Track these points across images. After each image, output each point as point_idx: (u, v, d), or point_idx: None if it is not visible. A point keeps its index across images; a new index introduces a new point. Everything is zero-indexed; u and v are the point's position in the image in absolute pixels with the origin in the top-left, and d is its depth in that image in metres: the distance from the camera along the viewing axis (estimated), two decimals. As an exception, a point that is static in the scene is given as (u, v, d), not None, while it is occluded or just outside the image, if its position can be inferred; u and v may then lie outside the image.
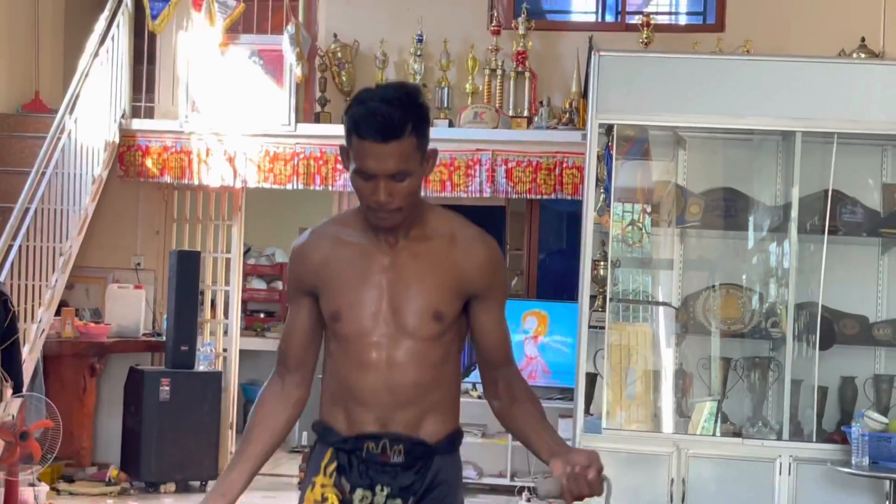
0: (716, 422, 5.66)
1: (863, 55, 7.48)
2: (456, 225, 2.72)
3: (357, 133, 2.54)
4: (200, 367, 8.25)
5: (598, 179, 5.71)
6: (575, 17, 9.82)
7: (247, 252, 10.09)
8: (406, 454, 2.68)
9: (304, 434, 9.96)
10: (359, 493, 2.70)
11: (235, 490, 2.72)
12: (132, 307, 8.54)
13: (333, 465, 2.71)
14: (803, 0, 8.64)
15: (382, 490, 2.69)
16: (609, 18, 9.18)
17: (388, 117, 2.51)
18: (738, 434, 5.60)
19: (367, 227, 2.68)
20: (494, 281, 2.72)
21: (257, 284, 11.16)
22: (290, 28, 8.38)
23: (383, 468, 2.68)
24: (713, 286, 5.85)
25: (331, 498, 2.70)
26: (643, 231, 5.82)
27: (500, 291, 2.75)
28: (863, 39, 7.72)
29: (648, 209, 5.82)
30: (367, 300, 2.66)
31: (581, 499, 2.48)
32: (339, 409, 2.71)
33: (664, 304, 5.86)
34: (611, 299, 5.64)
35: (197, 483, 8.17)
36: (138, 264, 9.03)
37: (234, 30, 8.62)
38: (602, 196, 5.73)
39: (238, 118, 8.45)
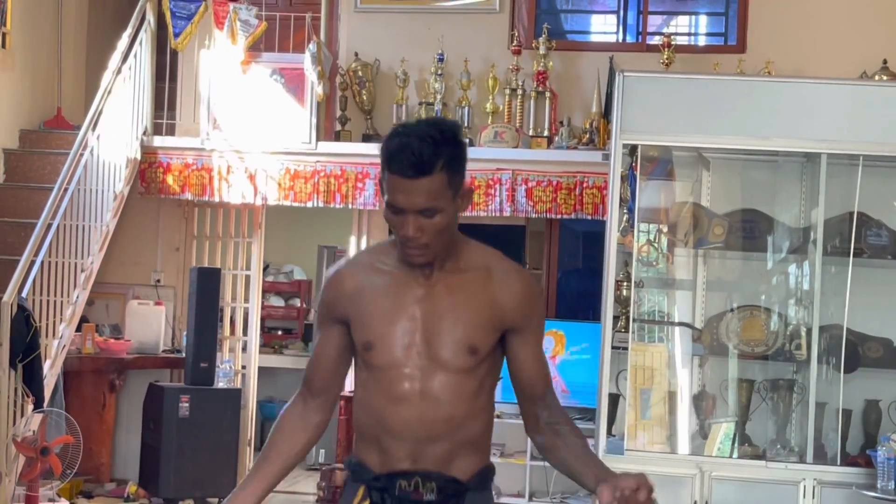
0: (733, 443, 5.64)
1: (885, 77, 7.48)
2: (492, 258, 2.72)
3: (388, 167, 2.55)
4: (220, 383, 8.26)
5: (621, 200, 5.71)
6: (596, 38, 9.83)
7: (265, 269, 10.10)
8: (438, 492, 2.67)
9: (322, 452, 9.95)
10: None
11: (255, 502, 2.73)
12: (152, 323, 8.56)
13: (366, 503, 2.70)
14: (825, 22, 8.65)
15: None
16: (630, 39, 9.19)
17: (418, 153, 2.51)
18: (761, 457, 5.58)
19: (402, 259, 2.68)
20: (531, 314, 2.71)
21: (275, 302, 11.18)
22: (312, 46, 8.41)
23: None
24: (736, 307, 5.83)
25: None
26: (659, 251, 5.81)
27: (538, 324, 2.74)
28: (885, 62, 7.73)
29: (665, 229, 5.81)
30: (401, 331, 2.65)
31: None
32: (372, 445, 2.71)
33: (687, 325, 5.85)
34: (634, 320, 5.64)
35: (215, 500, 8.16)
36: (158, 281, 9.05)
37: (256, 48, 8.66)
38: (626, 216, 5.73)
39: (259, 136, 8.48)
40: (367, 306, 2.68)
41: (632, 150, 5.68)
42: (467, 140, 8.46)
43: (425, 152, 2.51)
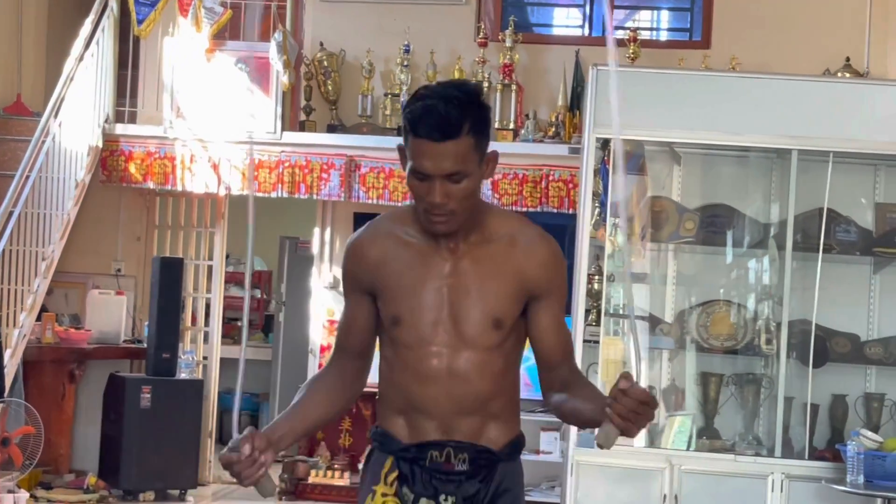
0: (690, 437, 5.66)
1: (847, 74, 7.54)
2: (516, 225, 2.66)
3: (413, 131, 2.49)
4: (182, 374, 8.19)
5: (593, 194, 5.71)
6: (562, 31, 9.85)
7: (226, 259, 10.04)
8: (471, 462, 2.63)
9: (282, 444, 9.89)
10: (423, 502, 2.65)
11: (284, 443, 2.61)
12: (113, 313, 8.48)
13: (395, 474, 2.67)
14: (788, 19, 8.71)
15: (447, 499, 2.64)
16: (596, 33, 9.20)
17: (445, 115, 2.45)
18: (730, 450, 5.61)
19: (426, 227, 2.62)
20: (555, 280, 2.66)
21: (236, 292, 11.10)
22: (278, 35, 8.35)
23: (447, 477, 2.64)
24: (705, 302, 5.86)
25: None
26: (614, 245, 5.78)
27: (560, 291, 2.69)
28: (847, 59, 7.78)
29: (616, 222, 5.81)
30: (428, 307, 2.60)
31: (640, 421, 2.32)
32: (399, 417, 2.67)
33: (657, 319, 5.87)
34: (606, 314, 5.65)
35: (176, 492, 8.10)
36: (119, 270, 8.96)
37: (221, 36, 8.59)
38: (597, 210, 5.73)
39: (223, 125, 8.40)
40: (394, 279, 2.63)
41: (604, 143, 5.69)
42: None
43: (452, 114, 2.46)
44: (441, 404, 2.62)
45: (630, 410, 2.31)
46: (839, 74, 7.52)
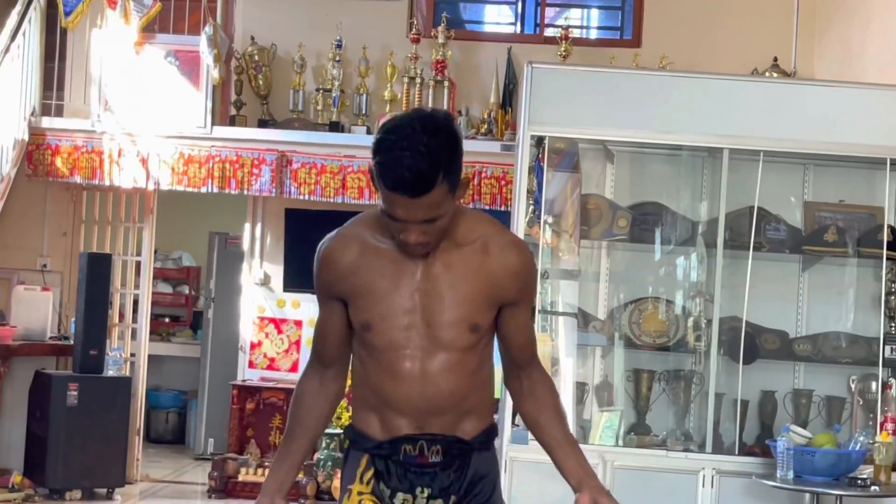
0: (618, 433, 5.70)
1: (775, 74, 7.64)
2: (489, 230, 2.67)
3: (384, 184, 2.46)
4: (109, 371, 8.09)
5: (527, 191, 5.72)
6: (494, 28, 9.86)
7: (154, 254, 9.92)
8: (444, 454, 2.66)
9: (212, 441, 9.84)
10: (399, 497, 2.68)
11: (286, 486, 2.74)
12: (39, 309, 8.34)
13: (371, 472, 2.69)
14: (717, 19, 8.82)
15: (423, 492, 2.67)
16: (528, 30, 9.23)
17: (416, 173, 2.41)
18: (661, 446, 5.66)
19: (400, 249, 2.63)
20: (526, 288, 2.71)
21: (163, 288, 10.99)
22: (209, 29, 8.28)
23: (422, 469, 2.66)
24: (638, 299, 5.90)
25: None
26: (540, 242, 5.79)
27: (530, 296, 2.75)
28: (775, 59, 7.89)
29: (550, 220, 5.83)
30: (400, 312, 2.61)
31: None
32: (373, 415, 2.69)
33: (590, 316, 5.90)
34: (540, 311, 5.66)
35: (104, 490, 8.00)
36: (45, 266, 8.83)
37: (150, 29, 8.50)
38: (531, 208, 5.74)
39: (152, 119, 8.31)
40: (365, 286, 2.64)
41: (538, 141, 5.70)
42: (365, 128, 8.41)
43: (423, 170, 2.41)
44: (415, 403, 2.64)
45: None
46: (767, 74, 7.61)
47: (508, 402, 5.59)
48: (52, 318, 8.49)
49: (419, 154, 2.41)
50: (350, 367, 2.78)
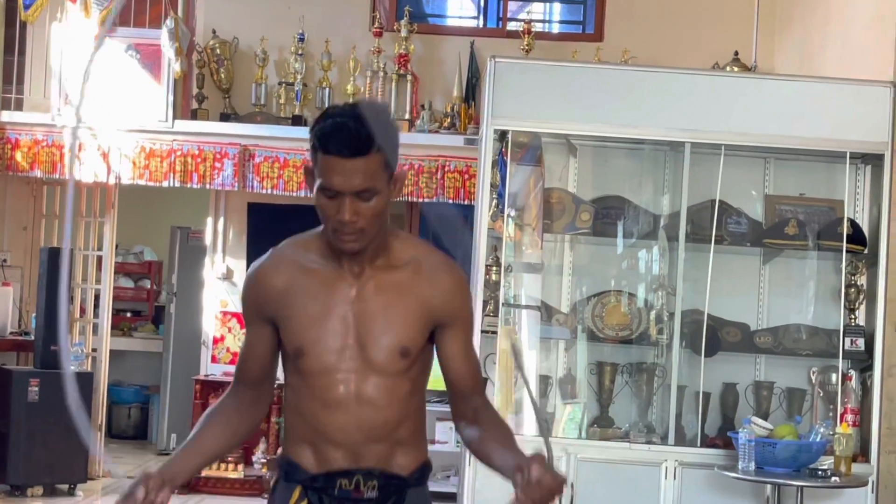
0: (581, 426, 5.72)
1: (736, 68, 7.68)
2: (421, 252, 2.66)
3: (323, 148, 2.47)
4: (71, 367, 8.02)
5: (491, 185, 5.73)
6: (456, 22, 9.86)
7: (115, 249, 9.87)
8: (380, 489, 2.62)
9: (174, 437, 9.79)
10: None
11: (179, 479, 2.59)
12: (-1, 305, 8.29)
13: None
14: (679, 14, 8.86)
15: None
16: (490, 24, 9.24)
17: (355, 132, 2.44)
18: (624, 438, 5.69)
19: (330, 255, 2.60)
20: (460, 308, 2.66)
21: (125, 283, 10.94)
22: (170, 22, 8.24)
23: None
24: (601, 293, 5.93)
25: None
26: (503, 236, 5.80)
27: (466, 319, 2.69)
28: (736, 53, 7.93)
29: (513, 214, 5.85)
30: (333, 335, 2.58)
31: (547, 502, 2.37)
32: (306, 446, 2.64)
33: (553, 309, 5.92)
34: (503, 304, 5.68)
35: (65, 486, 7.96)
36: (4, 261, 8.76)
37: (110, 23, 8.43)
38: (495, 201, 5.76)
39: (113, 113, 8.26)
40: (296, 310, 2.60)
41: (501, 135, 5.71)
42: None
43: (362, 131, 2.44)
44: (349, 432, 2.59)
45: (541, 498, 2.36)
46: (728, 68, 7.65)
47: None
48: (12, 313, 8.43)
49: (358, 120, 2.46)
50: (279, 398, 2.73)
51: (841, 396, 5.63)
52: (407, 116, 8.36)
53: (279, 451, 2.73)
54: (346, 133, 2.44)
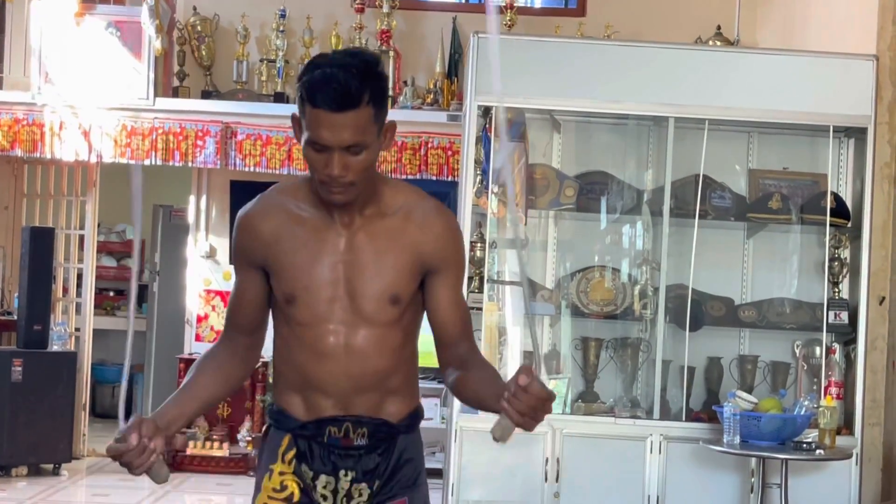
0: (564, 401, 5.73)
1: (718, 43, 7.67)
2: (412, 198, 2.61)
3: (311, 101, 2.40)
4: (54, 346, 8.01)
5: (475, 161, 5.72)
6: (439, -2, 9.81)
7: (97, 228, 9.82)
8: (370, 436, 2.61)
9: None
10: (322, 479, 2.62)
11: (174, 427, 2.55)
12: (-19, 285, 8.25)
13: (292, 452, 2.63)
14: (661, -13, 8.83)
15: (346, 475, 2.62)
16: (472, 0, 9.20)
17: (344, 84, 2.38)
18: (609, 413, 5.70)
19: (320, 202, 2.56)
20: (451, 254, 2.61)
21: (107, 262, 10.91)
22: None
23: (346, 452, 2.61)
24: (585, 268, 5.93)
25: (291, 486, 2.62)
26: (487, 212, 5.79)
27: (458, 265, 2.64)
28: (718, 27, 7.91)
29: (497, 190, 5.84)
30: (324, 284, 2.55)
31: (537, 415, 2.27)
32: (296, 395, 2.62)
33: (537, 285, 5.92)
34: (488, 280, 5.67)
35: (50, 466, 7.94)
36: (-14, 241, 8.72)
37: (91, 0, 8.37)
38: (479, 178, 5.75)
39: (94, 91, 8.20)
40: (287, 257, 2.57)
41: (485, 111, 5.69)
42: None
43: (352, 84, 2.38)
44: (339, 382, 2.57)
45: (529, 407, 2.26)
46: (711, 43, 7.64)
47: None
48: (-6, 293, 8.39)
49: (346, 70, 2.40)
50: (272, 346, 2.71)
51: (825, 370, 5.65)
52: (390, 93, 8.32)
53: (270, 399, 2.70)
54: (335, 86, 2.38)
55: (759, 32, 8.30)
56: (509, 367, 5.64)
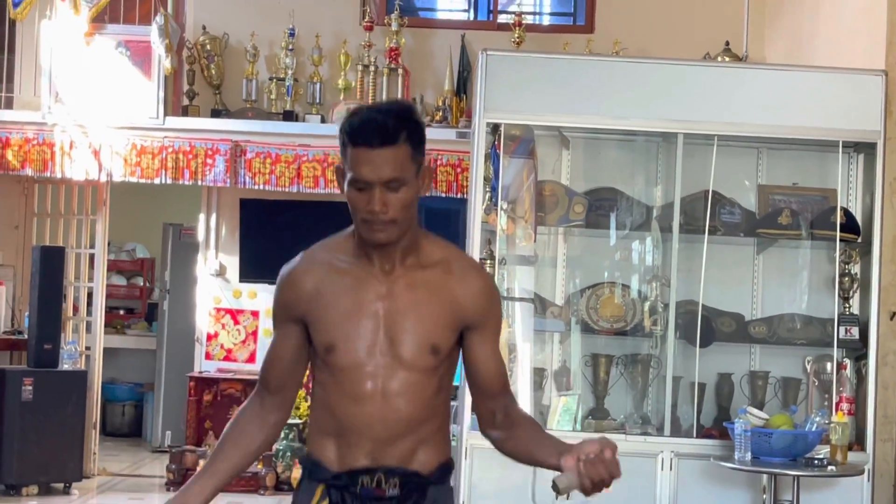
0: (575, 418, 5.72)
1: (727, 58, 7.67)
2: (451, 253, 2.70)
3: (352, 142, 2.52)
4: (65, 365, 8.02)
5: (484, 178, 5.73)
6: (447, 15, 9.85)
7: (108, 247, 9.85)
8: (402, 487, 2.63)
9: (169, 433, 9.79)
10: None
11: (205, 499, 2.65)
12: (-9, 304, 8.27)
13: (326, 503, 2.65)
14: (670, 4, 8.85)
15: None
16: (481, 17, 9.23)
17: (382, 123, 2.50)
18: (620, 430, 5.68)
19: (361, 254, 2.63)
20: (490, 311, 2.69)
21: (117, 280, 10.92)
22: (160, 19, 8.22)
23: (378, 502, 2.63)
24: (595, 285, 5.92)
25: None
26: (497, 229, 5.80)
27: (495, 322, 2.72)
28: (727, 43, 7.92)
29: (506, 206, 5.84)
30: (363, 331, 2.61)
31: (601, 486, 2.44)
32: (329, 443, 2.66)
33: (547, 302, 5.91)
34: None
35: (60, 485, 7.95)
36: (-4, 260, 8.74)
37: (100, 19, 8.41)
38: (488, 195, 5.75)
39: (104, 110, 8.24)
40: (328, 308, 2.63)
41: (494, 128, 5.70)
42: (319, 117, 8.39)
43: (390, 122, 2.51)
44: (374, 427, 2.61)
45: (600, 478, 2.42)
46: (719, 59, 7.65)
47: (467, 390, 5.60)
48: (5, 312, 8.42)
49: (384, 113, 2.54)
50: (306, 398, 2.75)
51: (836, 385, 5.63)
52: (426, 139, 8.33)
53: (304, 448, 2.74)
54: (374, 124, 2.51)
55: (768, 48, 8.31)
56: (518, 384, 5.63)
